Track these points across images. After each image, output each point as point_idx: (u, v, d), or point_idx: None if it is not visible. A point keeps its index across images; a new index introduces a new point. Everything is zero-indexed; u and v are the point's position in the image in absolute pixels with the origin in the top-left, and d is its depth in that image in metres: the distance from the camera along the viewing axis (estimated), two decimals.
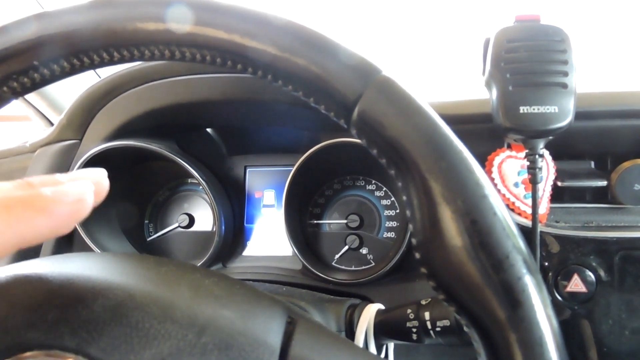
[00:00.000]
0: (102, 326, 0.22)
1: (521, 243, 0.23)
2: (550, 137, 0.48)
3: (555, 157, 0.58)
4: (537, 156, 0.48)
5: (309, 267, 0.64)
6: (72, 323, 0.22)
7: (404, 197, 0.25)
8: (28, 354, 0.21)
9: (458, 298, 0.23)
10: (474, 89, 0.57)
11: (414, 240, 0.24)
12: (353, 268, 0.68)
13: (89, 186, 0.20)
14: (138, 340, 0.22)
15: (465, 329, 0.24)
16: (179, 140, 0.72)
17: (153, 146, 0.65)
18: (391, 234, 0.69)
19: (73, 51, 0.28)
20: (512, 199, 0.56)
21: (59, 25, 0.28)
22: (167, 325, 0.23)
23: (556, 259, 0.53)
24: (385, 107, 0.24)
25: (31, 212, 0.18)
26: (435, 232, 0.23)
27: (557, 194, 0.58)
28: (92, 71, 0.56)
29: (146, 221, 0.76)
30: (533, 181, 0.48)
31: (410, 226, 0.24)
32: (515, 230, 0.23)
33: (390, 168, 0.25)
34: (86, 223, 0.66)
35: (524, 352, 0.22)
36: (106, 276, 0.25)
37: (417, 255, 0.24)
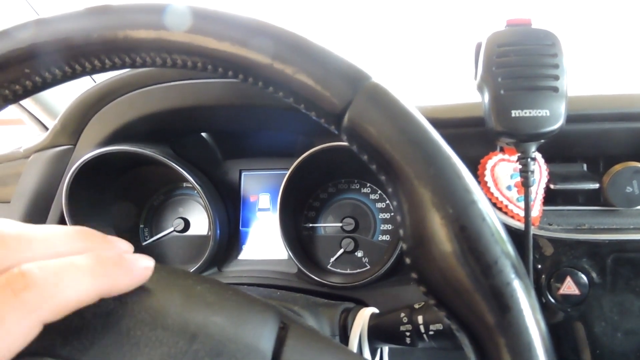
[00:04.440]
0: (94, 334, 0.22)
1: (510, 248, 0.23)
2: (542, 141, 0.48)
3: (548, 160, 0.58)
4: (529, 159, 0.48)
5: (304, 270, 0.64)
6: (63, 331, 0.22)
7: (394, 203, 0.25)
8: None
9: (448, 303, 0.23)
10: (467, 92, 0.57)
11: (404, 246, 0.24)
12: (348, 271, 0.68)
13: (152, 260, 0.25)
14: (129, 347, 0.22)
15: (455, 333, 0.24)
16: (173, 145, 0.72)
17: (147, 151, 0.65)
18: (386, 237, 0.69)
19: (65, 58, 0.29)
20: (505, 202, 0.56)
21: (52, 32, 0.28)
22: (159, 332, 0.23)
23: (549, 262, 0.54)
24: (375, 114, 0.25)
25: (117, 270, 0.23)
26: (425, 238, 0.23)
27: (550, 197, 0.58)
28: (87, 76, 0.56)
29: (141, 225, 0.76)
30: (525, 184, 0.49)
31: (401, 231, 0.25)
32: (504, 235, 0.24)
33: (381, 174, 0.25)
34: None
35: (513, 356, 0.22)
36: None
37: (408, 260, 0.24)
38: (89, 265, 0.21)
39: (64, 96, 0.88)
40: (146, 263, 0.24)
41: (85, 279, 0.21)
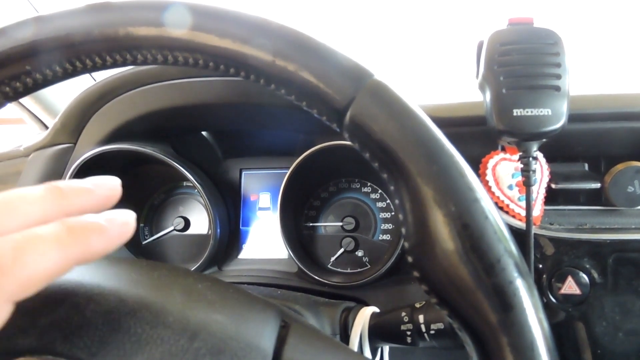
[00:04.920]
0: (94, 331, 0.22)
1: (513, 247, 0.23)
2: (544, 140, 0.48)
3: (549, 160, 0.58)
4: (530, 159, 0.48)
5: (305, 269, 0.64)
6: (64, 328, 0.22)
7: (396, 201, 0.25)
8: (20, 359, 0.21)
9: (450, 301, 0.23)
10: (468, 91, 0.57)
11: (406, 244, 0.24)
12: (349, 270, 0.68)
13: (132, 213, 0.23)
14: (130, 345, 0.22)
15: (457, 332, 0.24)
16: (174, 144, 0.72)
17: (148, 149, 0.65)
18: (387, 237, 0.69)
19: (66, 56, 0.28)
20: (507, 202, 0.56)
21: (53, 29, 0.28)
22: (159, 330, 0.23)
23: (550, 261, 0.54)
24: (377, 111, 0.25)
25: (89, 234, 0.21)
26: (427, 236, 0.23)
27: (551, 196, 0.58)
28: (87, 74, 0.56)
29: (141, 224, 0.76)
30: (527, 183, 0.49)
31: (403, 229, 0.25)
32: (506, 233, 0.23)
33: (383, 172, 0.25)
34: None
35: (516, 355, 0.22)
36: (98, 281, 0.25)
37: (410, 259, 0.24)
38: (55, 234, 0.20)
39: (64, 95, 0.88)
40: (124, 218, 0.22)
41: (52, 250, 0.19)
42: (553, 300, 0.53)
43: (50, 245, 0.19)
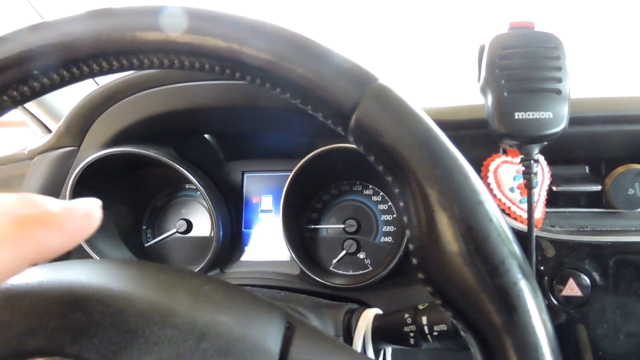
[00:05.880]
0: (102, 333, 0.22)
1: (516, 248, 0.24)
2: (545, 143, 0.48)
3: (550, 162, 0.58)
4: (532, 161, 0.49)
5: (307, 272, 0.64)
6: (72, 330, 0.22)
7: (401, 204, 0.25)
8: None
9: (454, 303, 0.23)
10: (470, 94, 0.57)
11: (411, 246, 0.25)
12: (351, 273, 0.68)
13: (97, 202, 0.20)
14: (138, 346, 0.22)
15: (461, 333, 0.25)
16: (176, 147, 0.72)
17: (151, 152, 0.65)
18: (388, 239, 0.69)
19: (72, 60, 0.29)
20: (508, 204, 0.56)
21: (58, 34, 0.28)
22: (167, 331, 0.23)
23: (551, 263, 0.54)
24: (382, 115, 0.25)
25: (43, 228, 0.18)
26: (432, 238, 0.23)
27: (552, 199, 0.59)
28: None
29: (144, 227, 0.76)
30: (528, 186, 0.49)
31: (408, 232, 0.25)
32: (510, 235, 0.24)
33: (387, 175, 0.26)
34: None
35: (520, 356, 0.22)
36: (106, 283, 0.25)
37: (414, 261, 0.24)
38: (1, 230, 0.17)
39: (67, 99, 0.88)
40: (85, 208, 0.19)
41: (1, 250, 0.17)
42: (554, 302, 0.53)
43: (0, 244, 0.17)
